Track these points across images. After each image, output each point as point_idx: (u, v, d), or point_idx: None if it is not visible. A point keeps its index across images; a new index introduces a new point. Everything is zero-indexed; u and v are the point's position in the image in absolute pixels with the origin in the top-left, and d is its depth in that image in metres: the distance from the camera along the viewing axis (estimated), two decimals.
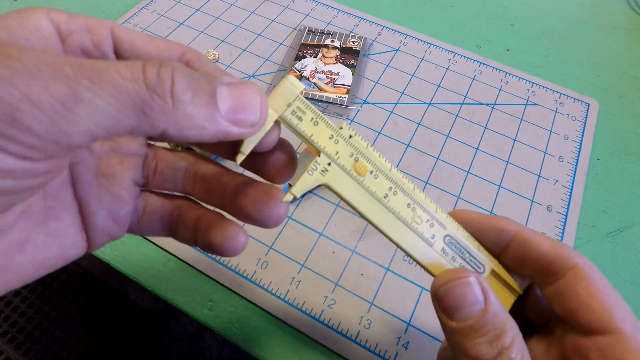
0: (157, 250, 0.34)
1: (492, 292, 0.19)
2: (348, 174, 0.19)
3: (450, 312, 0.19)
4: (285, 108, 0.18)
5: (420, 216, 0.20)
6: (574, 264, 0.18)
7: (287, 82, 0.18)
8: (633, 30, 0.54)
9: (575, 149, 0.42)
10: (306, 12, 0.52)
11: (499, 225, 0.20)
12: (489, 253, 0.21)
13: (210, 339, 0.85)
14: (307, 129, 0.19)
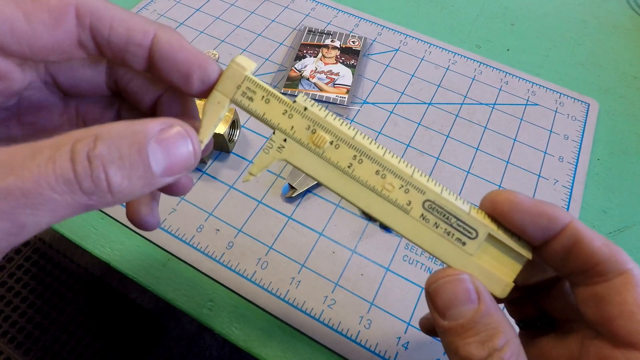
0: (157, 250, 0.34)
1: (486, 291, 0.18)
2: (306, 147, 0.19)
3: (442, 310, 0.18)
4: (235, 91, 0.18)
5: (392, 183, 0.19)
6: (627, 269, 0.17)
7: (234, 64, 0.18)
8: (633, 30, 0.54)
9: (575, 149, 0.42)
10: (306, 12, 0.52)
11: (550, 213, 0.18)
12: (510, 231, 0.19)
13: (210, 339, 0.85)
14: (258, 108, 0.19)
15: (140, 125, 0.15)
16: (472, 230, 0.19)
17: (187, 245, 0.34)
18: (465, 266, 0.19)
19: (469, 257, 0.19)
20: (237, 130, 0.40)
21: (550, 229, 0.18)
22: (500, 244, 0.19)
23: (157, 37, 0.17)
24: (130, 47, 0.17)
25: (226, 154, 0.40)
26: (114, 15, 0.17)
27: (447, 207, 0.19)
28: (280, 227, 0.35)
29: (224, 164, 0.39)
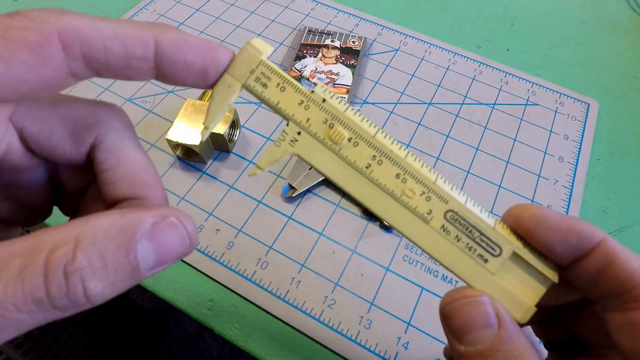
0: None
1: (508, 315, 0.16)
2: (321, 142, 0.17)
3: (458, 334, 0.16)
4: (248, 75, 0.17)
5: (412, 188, 0.17)
6: None
7: (250, 47, 0.17)
8: (633, 30, 0.54)
9: (575, 149, 0.42)
10: (306, 12, 0.52)
11: (581, 230, 0.17)
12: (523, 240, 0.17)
13: (210, 339, 0.85)
14: (272, 96, 0.17)
15: (130, 220, 0.14)
16: (497, 247, 0.17)
17: None
18: (485, 286, 0.17)
19: (491, 276, 0.17)
20: (237, 130, 0.40)
21: (580, 247, 0.17)
22: (524, 264, 0.17)
23: (159, 44, 0.15)
24: (133, 63, 0.15)
25: (226, 154, 0.40)
26: (104, 35, 0.14)
27: (471, 219, 0.17)
28: (280, 227, 0.35)
29: (224, 164, 0.39)
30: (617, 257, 0.16)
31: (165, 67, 0.16)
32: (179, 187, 0.37)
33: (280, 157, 0.18)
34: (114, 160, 0.17)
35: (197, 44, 0.16)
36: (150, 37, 0.15)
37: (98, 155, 0.17)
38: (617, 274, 0.16)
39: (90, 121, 0.17)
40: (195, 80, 0.17)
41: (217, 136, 0.37)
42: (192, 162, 0.39)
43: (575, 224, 0.17)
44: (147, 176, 0.17)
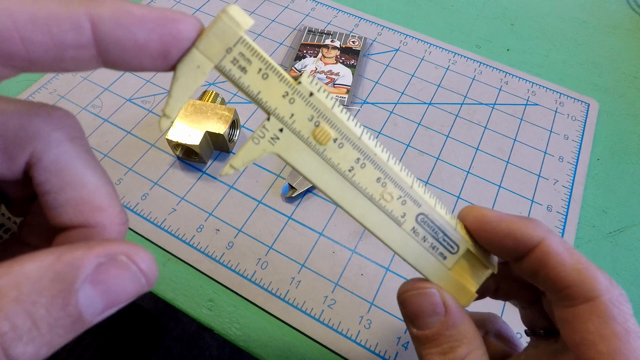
0: (157, 250, 0.34)
1: (455, 304, 0.18)
2: (305, 142, 0.16)
3: (411, 319, 0.19)
4: (224, 55, 0.14)
5: (391, 192, 0.17)
6: (594, 296, 0.16)
7: (226, 17, 0.13)
8: (633, 30, 0.54)
9: (575, 149, 0.42)
10: (306, 12, 0.52)
11: (518, 233, 0.17)
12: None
13: (210, 339, 0.85)
14: (252, 83, 0.15)
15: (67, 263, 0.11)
16: (455, 245, 0.18)
17: (187, 245, 0.34)
18: (441, 279, 0.19)
19: (447, 270, 0.19)
20: (237, 130, 0.40)
21: (517, 250, 0.18)
22: (474, 257, 0.19)
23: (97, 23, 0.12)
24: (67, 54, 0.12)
25: (226, 153, 0.39)
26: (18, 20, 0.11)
27: (438, 221, 0.18)
28: (280, 227, 0.35)
29: (224, 164, 0.39)
30: (550, 260, 0.17)
31: (112, 52, 0.12)
32: (179, 187, 0.37)
33: (259, 156, 0.16)
34: (56, 182, 0.14)
35: (149, 16, 0.12)
36: (82, 15, 0.11)
37: (36, 175, 0.14)
38: (550, 275, 0.17)
39: (22, 134, 0.13)
40: (155, 64, 0.13)
41: (217, 136, 0.37)
42: (192, 162, 0.39)
43: (514, 227, 0.18)
44: (99, 199, 0.15)
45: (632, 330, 0.15)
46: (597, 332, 0.15)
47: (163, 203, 0.36)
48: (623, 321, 0.15)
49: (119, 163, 0.38)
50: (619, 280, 0.35)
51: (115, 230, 0.15)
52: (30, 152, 0.14)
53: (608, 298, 0.16)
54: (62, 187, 0.14)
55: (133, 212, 0.36)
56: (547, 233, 0.17)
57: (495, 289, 0.22)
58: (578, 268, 0.16)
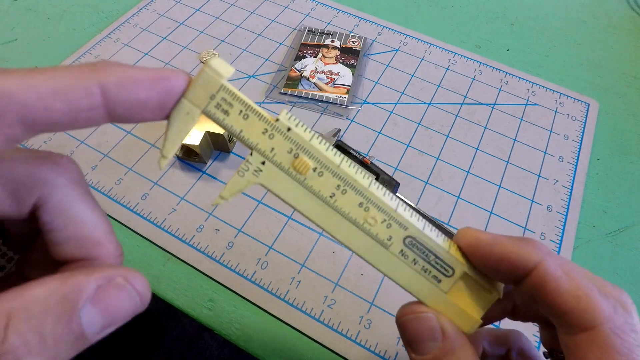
0: (157, 250, 0.34)
1: (453, 329, 0.18)
2: (286, 172, 0.17)
3: (409, 344, 0.18)
4: (208, 101, 0.16)
5: (375, 216, 0.18)
6: (594, 326, 0.15)
7: (209, 69, 0.16)
8: (633, 30, 0.54)
9: (575, 149, 0.42)
10: (306, 12, 0.52)
11: (514, 257, 0.17)
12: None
13: (210, 339, 0.85)
14: (235, 124, 0.16)
15: (71, 287, 0.13)
16: (450, 268, 0.18)
17: (187, 245, 0.34)
18: (437, 303, 0.18)
19: (443, 294, 0.18)
20: None
21: (513, 274, 0.17)
22: (474, 281, 0.18)
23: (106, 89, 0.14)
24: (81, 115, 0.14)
25: (226, 153, 0.40)
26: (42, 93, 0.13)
27: (428, 244, 0.18)
28: (280, 227, 0.35)
29: (224, 164, 0.39)
30: (547, 285, 0.16)
31: (119, 110, 0.14)
32: (179, 187, 0.37)
33: (245, 187, 0.17)
34: (60, 222, 0.16)
35: (147, 77, 0.15)
36: (93, 84, 0.14)
37: (42, 216, 0.16)
38: (548, 301, 0.16)
39: (31, 181, 0.15)
40: (154, 115, 0.16)
41: (217, 136, 0.37)
42: (192, 162, 0.39)
43: (509, 250, 0.17)
44: (98, 234, 0.16)
45: None
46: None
47: (163, 203, 0.36)
48: (627, 352, 0.14)
49: (119, 163, 0.38)
50: (619, 280, 0.35)
51: (112, 262, 0.17)
52: (38, 195, 0.16)
53: (610, 327, 0.15)
54: (66, 226, 0.16)
55: (133, 212, 0.36)
56: (544, 255, 0.16)
57: (512, 310, 0.21)
58: (577, 294, 0.15)
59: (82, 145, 0.39)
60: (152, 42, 0.48)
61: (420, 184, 0.39)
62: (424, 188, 0.38)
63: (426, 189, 0.38)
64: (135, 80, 0.14)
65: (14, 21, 0.49)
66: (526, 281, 0.17)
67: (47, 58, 0.46)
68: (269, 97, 0.43)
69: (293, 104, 0.43)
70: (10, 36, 0.48)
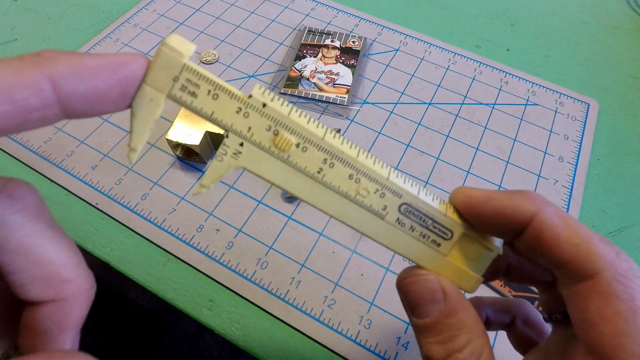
0: (157, 250, 0.34)
1: (455, 291, 0.17)
2: (267, 151, 0.16)
3: (410, 307, 0.18)
4: (172, 84, 0.15)
5: (367, 187, 0.17)
6: (595, 272, 0.14)
7: (166, 48, 0.14)
8: (633, 30, 0.54)
9: (575, 149, 0.42)
10: (306, 12, 0.52)
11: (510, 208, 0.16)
12: None
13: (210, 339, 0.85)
14: (204, 106, 0.15)
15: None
16: (448, 231, 0.18)
17: (187, 245, 0.34)
18: (439, 266, 0.18)
19: (444, 257, 0.18)
20: None
21: (511, 228, 0.16)
22: (473, 241, 0.18)
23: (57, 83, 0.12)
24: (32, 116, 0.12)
25: None
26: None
27: (424, 209, 0.17)
28: (280, 227, 0.35)
29: None
30: (544, 235, 0.15)
31: (75, 105, 0.13)
32: (179, 187, 0.37)
33: (225, 172, 0.16)
34: (21, 262, 0.14)
35: (103, 65, 0.13)
36: (42, 79, 0.12)
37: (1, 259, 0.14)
38: (546, 251, 0.15)
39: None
40: (115, 106, 0.14)
41: (217, 136, 0.37)
42: (192, 162, 0.39)
43: (504, 204, 0.16)
44: (66, 272, 0.15)
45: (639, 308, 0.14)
46: (599, 311, 0.14)
47: (163, 203, 0.36)
48: (629, 299, 0.14)
49: (119, 163, 0.38)
50: None
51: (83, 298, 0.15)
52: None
53: (611, 273, 0.14)
54: (29, 267, 0.14)
55: (133, 212, 0.36)
56: (541, 205, 0.16)
57: (507, 270, 0.21)
58: (576, 242, 0.15)
59: (82, 145, 0.39)
60: (152, 42, 0.48)
61: (420, 184, 0.39)
62: (424, 188, 0.38)
63: (426, 189, 0.38)
64: (91, 69, 0.13)
65: (14, 21, 0.49)
66: (524, 234, 0.16)
67: None
68: None
69: (293, 104, 0.43)
70: (10, 36, 0.48)
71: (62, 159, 0.38)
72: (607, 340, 0.14)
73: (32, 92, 0.12)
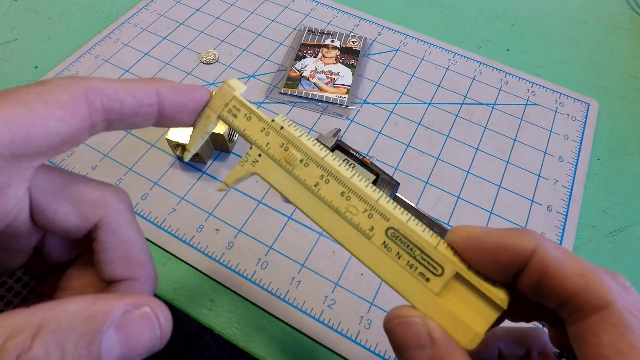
0: (157, 250, 0.34)
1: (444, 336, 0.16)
2: (277, 163, 0.20)
3: (397, 351, 0.17)
4: (223, 108, 0.21)
5: (356, 206, 0.18)
6: (606, 303, 0.14)
7: (226, 86, 0.21)
8: (633, 30, 0.54)
9: (575, 149, 0.42)
10: (306, 12, 0.52)
11: (510, 245, 0.16)
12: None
13: (210, 339, 0.85)
14: (240, 124, 0.21)
15: (100, 307, 0.13)
16: (438, 266, 0.17)
17: (187, 245, 0.34)
18: (426, 305, 0.17)
19: (433, 296, 0.17)
20: None
21: (513, 263, 0.16)
22: (472, 287, 0.17)
23: (160, 92, 0.19)
24: (142, 109, 0.18)
25: (226, 153, 0.40)
26: (119, 90, 0.18)
27: (412, 237, 0.17)
28: (280, 227, 0.35)
29: (224, 164, 0.39)
30: (549, 268, 0.15)
31: (167, 109, 0.19)
32: (179, 187, 0.37)
33: (244, 175, 0.20)
34: (115, 241, 0.18)
35: (187, 88, 0.20)
36: (152, 88, 0.19)
37: (101, 234, 0.18)
38: (552, 285, 0.15)
39: (98, 203, 0.18)
40: (189, 118, 0.20)
41: (217, 136, 0.37)
42: (192, 162, 0.39)
43: (504, 239, 0.16)
44: (143, 257, 0.19)
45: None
46: (613, 345, 0.13)
47: (163, 203, 0.36)
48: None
49: (119, 163, 0.38)
50: None
51: (150, 284, 0.19)
52: (102, 216, 0.18)
53: (622, 305, 0.14)
54: (119, 246, 0.18)
55: None
56: (540, 240, 0.16)
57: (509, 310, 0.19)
58: (582, 273, 0.14)
59: (82, 145, 0.39)
60: (152, 42, 0.48)
61: (420, 184, 0.39)
62: (424, 188, 0.38)
63: (426, 189, 0.38)
64: (179, 88, 0.20)
65: (14, 21, 0.49)
66: (528, 269, 0.15)
67: (47, 58, 0.46)
68: (269, 97, 0.43)
69: (293, 104, 0.43)
70: (10, 36, 0.48)
71: (62, 159, 0.38)
72: None
73: (145, 93, 0.18)
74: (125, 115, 0.18)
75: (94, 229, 0.18)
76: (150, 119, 0.19)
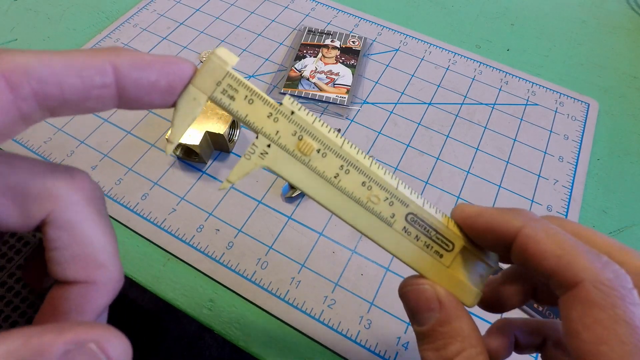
0: (157, 250, 0.34)
1: (452, 300, 0.18)
2: (291, 154, 0.18)
3: (410, 314, 0.19)
4: (215, 88, 0.17)
5: (378, 195, 0.18)
6: (577, 281, 0.14)
7: (215, 57, 0.17)
8: (633, 30, 0.54)
9: (575, 149, 0.42)
10: (306, 12, 0.52)
11: (498, 223, 0.17)
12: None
13: (210, 339, 0.85)
14: (240, 109, 0.17)
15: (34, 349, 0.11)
16: (450, 243, 0.19)
17: (187, 245, 0.34)
18: (440, 278, 0.19)
19: (446, 269, 0.19)
20: (237, 130, 0.40)
21: (500, 242, 0.17)
22: (473, 255, 0.19)
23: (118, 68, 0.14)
24: (93, 93, 0.14)
25: (226, 153, 0.40)
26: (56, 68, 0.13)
27: (428, 220, 0.18)
28: (280, 227, 0.35)
29: (224, 164, 0.39)
30: (529, 248, 0.16)
31: (129, 90, 0.15)
32: (179, 187, 0.37)
33: (251, 170, 0.18)
34: (66, 239, 0.15)
35: (157, 60, 0.15)
36: (106, 62, 0.14)
37: (49, 231, 0.15)
38: (533, 264, 0.16)
39: (44, 196, 0.15)
40: (163, 99, 0.16)
41: (217, 136, 0.37)
42: (192, 162, 0.39)
43: (493, 219, 0.17)
44: (103, 256, 0.16)
45: (621, 317, 0.13)
46: (580, 320, 0.14)
47: (163, 203, 0.36)
48: (609, 307, 0.14)
49: (119, 163, 0.38)
50: None
51: (110, 289, 0.16)
52: (48, 212, 0.15)
53: (591, 281, 0.14)
54: (70, 244, 0.15)
55: (133, 212, 0.36)
56: (528, 221, 0.16)
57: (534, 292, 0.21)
58: (558, 254, 0.15)
59: (82, 145, 0.39)
60: (152, 42, 0.48)
61: (420, 184, 0.39)
62: (424, 188, 0.38)
63: (426, 189, 0.38)
64: (146, 62, 0.15)
65: (14, 21, 0.49)
66: (513, 248, 0.17)
67: None
68: None
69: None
70: (10, 36, 0.48)
71: (62, 159, 0.38)
72: (587, 349, 0.14)
73: (96, 71, 0.14)
74: (69, 102, 0.14)
75: (42, 224, 0.15)
76: (107, 102, 0.15)
